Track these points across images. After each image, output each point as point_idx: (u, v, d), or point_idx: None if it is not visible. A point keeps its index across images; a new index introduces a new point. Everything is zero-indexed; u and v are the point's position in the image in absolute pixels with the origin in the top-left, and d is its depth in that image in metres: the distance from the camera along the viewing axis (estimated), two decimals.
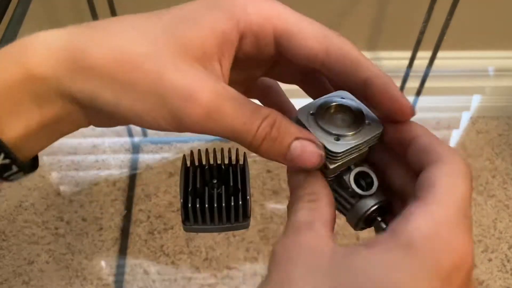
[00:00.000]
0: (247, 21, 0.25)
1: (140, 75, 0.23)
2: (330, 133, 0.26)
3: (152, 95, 0.23)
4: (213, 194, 0.28)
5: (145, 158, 0.92)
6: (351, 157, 0.27)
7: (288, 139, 0.25)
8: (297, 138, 0.25)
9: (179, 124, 0.24)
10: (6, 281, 0.78)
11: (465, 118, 1.04)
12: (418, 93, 1.01)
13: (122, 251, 0.81)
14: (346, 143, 0.26)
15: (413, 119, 0.27)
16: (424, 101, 1.03)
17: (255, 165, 0.91)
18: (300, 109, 0.27)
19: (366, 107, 0.28)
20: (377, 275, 0.21)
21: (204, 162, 0.31)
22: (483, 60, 1.09)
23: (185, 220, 0.29)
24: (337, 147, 0.26)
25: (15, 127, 0.24)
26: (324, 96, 0.28)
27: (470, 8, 0.94)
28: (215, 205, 0.28)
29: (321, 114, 0.27)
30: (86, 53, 0.23)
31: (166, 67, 0.23)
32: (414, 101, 1.02)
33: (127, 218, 0.84)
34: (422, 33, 0.92)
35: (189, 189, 0.28)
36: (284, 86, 0.33)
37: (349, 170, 0.27)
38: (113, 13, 0.87)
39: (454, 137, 1.01)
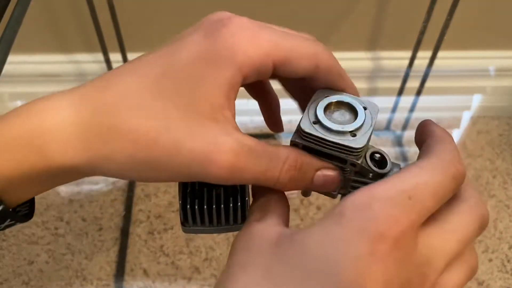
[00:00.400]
0: (250, 63, 0.25)
1: (157, 151, 0.24)
2: (345, 132, 0.27)
3: (172, 166, 0.24)
4: (212, 195, 0.28)
5: None
6: (368, 144, 0.28)
7: (310, 174, 0.27)
8: (317, 170, 0.27)
9: (200, 180, 0.25)
10: (6, 281, 0.78)
11: (465, 118, 1.04)
12: (419, 92, 1.01)
13: (122, 251, 0.80)
14: (363, 134, 0.27)
15: (414, 118, 0.29)
16: (424, 100, 1.03)
17: None
18: (302, 124, 0.27)
19: (352, 95, 0.29)
20: (313, 244, 0.22)
21: None
22: (483, 60, 1.08)
23: (184, 221, 0.29)
24: (359, 142, 0.27)
25: (23, 195, 0.26)
26: (311, 102, 0.28)
27: (471, 8, 0.94)
28: (214, 206, 0.28)
29: (324, 119, 0.27)
30: (103, 141, 0.24)
31: (181, 136, 0.24)
32: (415, 101, 1.01)
33: (126, 218, 0.84)
34: (422, 33, 0.92)
35: (188, 190, 0.28)
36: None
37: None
38: (113, 12, 0.87)
39: (455, 137, 1.00)
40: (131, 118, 0.24)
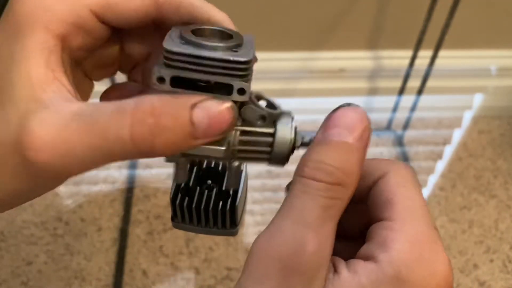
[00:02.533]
0: (57, 19, 0.22)
1: None
2: (224, 48, 0.21)
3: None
4: (203, 195, 0.28)
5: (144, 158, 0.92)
6: (252, 72, 0.22)
7: (183, 113, 0.20)
8: (193, 106, 0.20)
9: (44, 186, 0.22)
10: (4, 282, 0.77)
11: (467, 118, 1.04)
12: (420, 92, 1.00)
13: (121, 252, 0.80)
14: (248, 49, 0.22)
15: (415, 118, 0.27)
16: (425, 100, 1.02)
17: (255, 165, 0.90)
18: (166, 44, 0.21)
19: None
20: None
21: (204, 162, 0.30)
22: (485, 59, 1.08)
23: (174, 216, 0.28)
24: (244, 55, 0.21)
25: None
26: (170, 32, 0.22)
27: (472, 6, 0.93)
28: (202, 207, 0.27)
29: (193, 36, 0.22)
30: None
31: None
32: (416, 100, 1.01)
33: (125, 218, 0.84)
34: (423, 31, 0.91)
35: (182, 186, 0.28)
36: (271, 86, 0.32)
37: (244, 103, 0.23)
38: None
39: (456, 137, 1.00)
40: None
